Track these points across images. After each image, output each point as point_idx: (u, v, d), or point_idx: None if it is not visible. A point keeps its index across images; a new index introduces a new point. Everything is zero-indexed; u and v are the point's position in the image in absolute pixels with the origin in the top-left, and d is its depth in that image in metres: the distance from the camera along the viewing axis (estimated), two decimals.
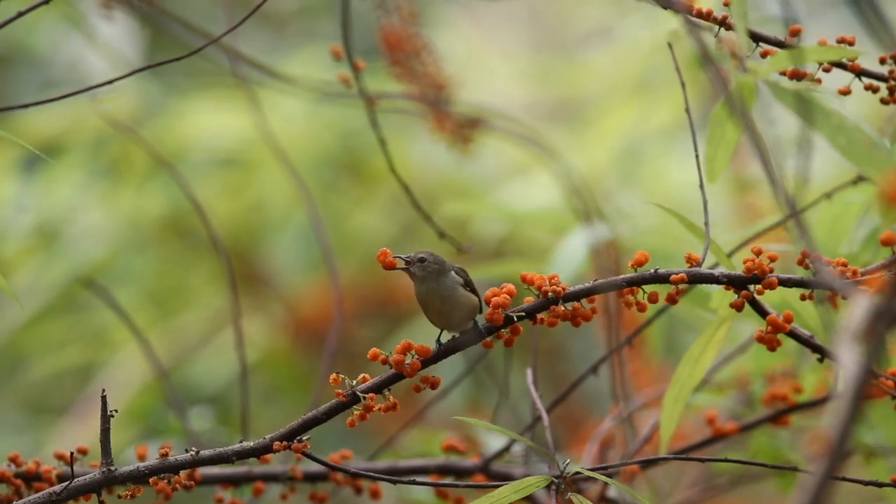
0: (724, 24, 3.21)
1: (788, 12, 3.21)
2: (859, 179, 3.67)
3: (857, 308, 2.33)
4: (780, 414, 3.91)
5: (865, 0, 3.18)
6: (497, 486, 3.07)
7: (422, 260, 3.22)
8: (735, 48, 3.17)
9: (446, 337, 3.19)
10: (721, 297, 3.15)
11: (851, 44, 3.18)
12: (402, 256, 3.21)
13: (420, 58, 3.57)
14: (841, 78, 3.20)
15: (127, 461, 3.28)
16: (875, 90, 3.19)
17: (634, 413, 4.02)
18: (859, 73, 3.20)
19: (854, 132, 3.11)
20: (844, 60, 3.19)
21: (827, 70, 3.19)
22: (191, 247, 6.17)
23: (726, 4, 3.19)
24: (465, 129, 3.54)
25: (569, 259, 4.27)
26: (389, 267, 3.17)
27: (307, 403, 5.88)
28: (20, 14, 3.21)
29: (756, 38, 3.22)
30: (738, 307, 3.09)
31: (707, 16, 3.21)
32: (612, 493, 3.71)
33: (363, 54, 3.75)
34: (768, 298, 3.13)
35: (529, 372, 3.48)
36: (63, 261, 6.00)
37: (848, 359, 2.27)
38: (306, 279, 6.19)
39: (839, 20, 6.22)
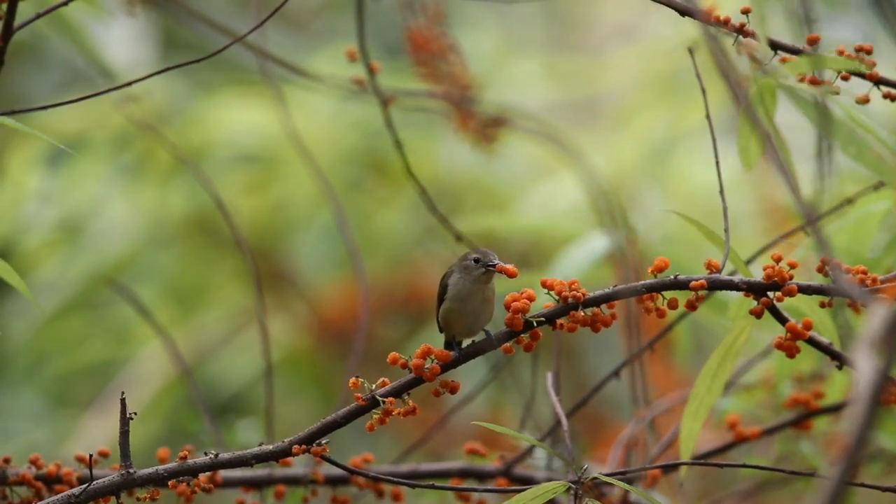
0: (742, 31, 3.20)
1: (808, 11, 3.19)
2: (881, 184, 3.66)
3: (875, 315, 2.32)
4: (803, 418, 3.89)
5: (888, 2, 3.16)
6: (516, 491, 3.06)
7: (476, 261, 3.20)
8: (754, 52, 3.16)
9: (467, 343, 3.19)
10: (739, 305, 3.13)
11: (869, 52, 3.17)
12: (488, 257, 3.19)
13: (446, 58, 3.56)
14: (860, 85, 3.18)
15: (150, 459, 3.28)
16: (893, 98, 3.18)
17: (658, 417, 3.99)
18: (878, 81, 3.19)
19: (864, 142, 3.11)
20: (863, 69, 3.18)
21: (845, 78, 3.19)
22: (214, 244, 6.17)
23: (745, 12, 3.18)
24: (490, 128, 3.52)
25: (574, 265, 4.24)
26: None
27: (329, 403, 5.88)
28: (38, 16, 3.21)
29: (774, 46, 3.21)
30: (757, 314, 3.07)
31: (725, 23, 3.19)
32: (634, 498, 3.69)
33: (386, 50, 3.74)
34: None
35: (550, 376, 3.47)
36: (86, 256, 6.01)
37: (865, 366, 2.26)
38: (329, 278, 6.18)
39: (861, 20, 6.18)
